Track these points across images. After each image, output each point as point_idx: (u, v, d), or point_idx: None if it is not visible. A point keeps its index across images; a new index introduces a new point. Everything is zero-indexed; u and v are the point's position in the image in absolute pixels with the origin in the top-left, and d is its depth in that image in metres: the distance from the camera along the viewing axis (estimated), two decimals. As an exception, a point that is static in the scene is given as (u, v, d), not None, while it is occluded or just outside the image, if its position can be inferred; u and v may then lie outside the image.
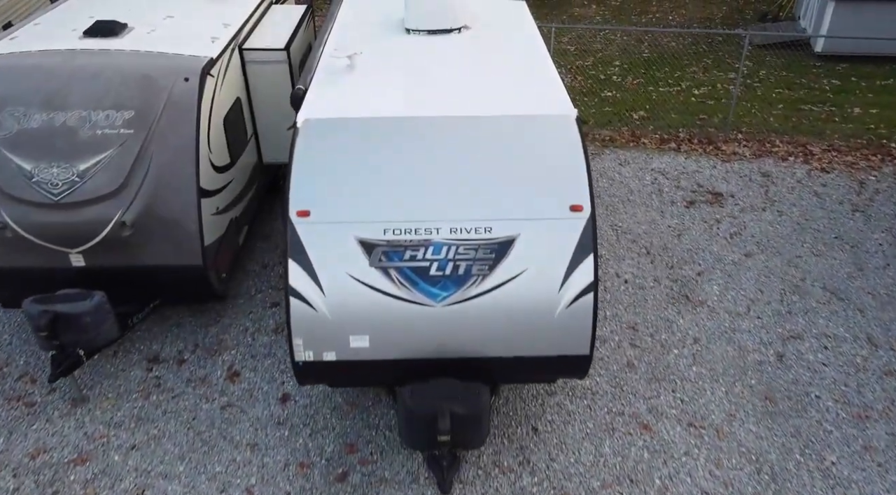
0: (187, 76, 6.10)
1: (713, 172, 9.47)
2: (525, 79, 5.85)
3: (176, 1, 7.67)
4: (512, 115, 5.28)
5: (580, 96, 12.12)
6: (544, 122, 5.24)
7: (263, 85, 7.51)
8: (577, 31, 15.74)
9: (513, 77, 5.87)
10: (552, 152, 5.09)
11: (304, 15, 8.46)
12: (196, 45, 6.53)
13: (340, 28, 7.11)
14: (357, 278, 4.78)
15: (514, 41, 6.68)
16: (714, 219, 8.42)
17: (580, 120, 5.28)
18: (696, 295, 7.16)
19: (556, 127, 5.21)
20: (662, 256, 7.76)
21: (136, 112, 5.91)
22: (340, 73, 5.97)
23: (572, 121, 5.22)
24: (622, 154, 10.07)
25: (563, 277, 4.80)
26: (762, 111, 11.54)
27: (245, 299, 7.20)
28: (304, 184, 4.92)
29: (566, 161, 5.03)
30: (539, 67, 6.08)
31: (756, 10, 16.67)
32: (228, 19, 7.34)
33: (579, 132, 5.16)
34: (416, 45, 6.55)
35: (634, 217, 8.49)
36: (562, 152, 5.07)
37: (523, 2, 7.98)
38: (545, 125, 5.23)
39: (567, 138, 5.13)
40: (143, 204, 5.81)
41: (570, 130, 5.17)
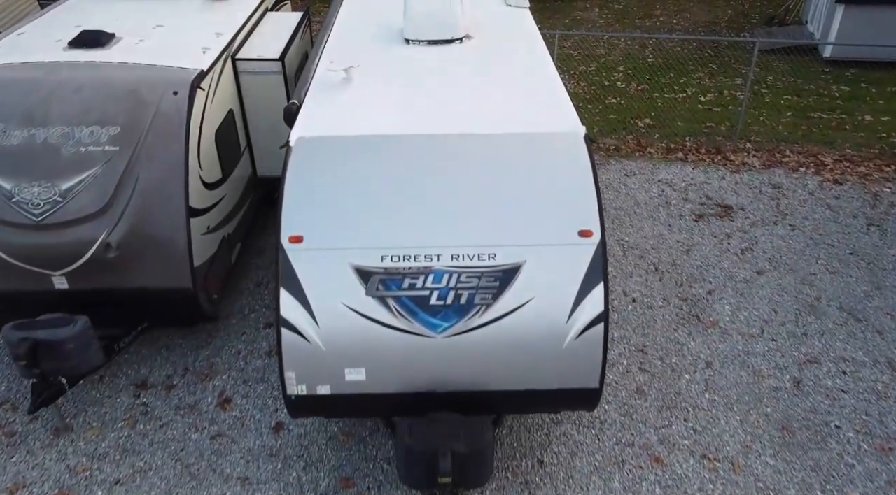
0: (176, 90, 5.82)
1: (722, 184, 9.19)
2: (529, 93, 5.57)
3: (167, 9, 7.40)
4: (516, 133, 5.01)
5: (584, 103, 11.84)
6: (550, 141, 4.97)
7: (257, 96, 7.24)
8: (580, 36, 15.47)
9: (516, 91, 5.60)
10: (559, 173, 4.81)
11: (301, 22, 8.18)
12: (186, 57, 6.26)
13: (337, 37, 6.84)
14: (353, 308, 4.51)
15: (517, 52, 6.40)
16: (724, 233, 8.14)
17: (588, 138, 5.00)
18: (707, 315, 6.88)
19: (563, 146, 4.94)
20: (671, 273, 7.48)
21: (122, 128, 5.63)
22: (336, 87, 5.69)
23: (580, 139, 4.95)
24: (628, 164, 9.79)
25: (572, 307, 4.52)
26: (770, 119, 11.26)
27: (238, 319, 6.92)
28: (296, 208, 4.64)
29: (574, 182, 4.76)
30: (544, 81, 5.80)
31: (762, 14, 16.39)
32: (221, 28, 7.06)
33: (588, 151, 4.88)
34: (415, 56, 6.27)
35: (641, 231, 8.21)
36: (569, 173, 4.80)
37: (527, 9, 7.71)
38: (551, 144, 4.95)
39: (575, 158, 4.86)
40: (128, 224, 5.53)
41: (577, 149, 4.90)
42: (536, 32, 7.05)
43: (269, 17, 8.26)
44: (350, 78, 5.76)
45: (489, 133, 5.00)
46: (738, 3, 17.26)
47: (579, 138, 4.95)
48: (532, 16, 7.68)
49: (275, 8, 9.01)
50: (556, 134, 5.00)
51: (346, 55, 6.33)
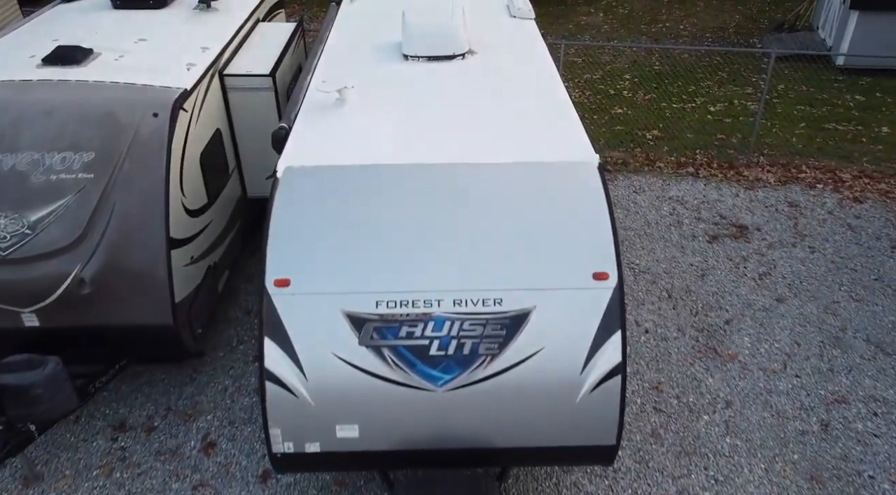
0: (156, 111, 5.40)
1: (736, 202, 8.76)
2: (537, 116, 5.15)
3: (152, 20, 6.98)
4: (522, 162, 4.58)
5: (589, 114, 11.42)
6: (561, 171, 4.55)
7: (247, 114, 6.82)
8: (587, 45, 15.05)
9: (523, 114, 5.18)
10: (571, 207, 4.39)
11: (294, 34, 7.76)
12: (169, 74, 5.84)
13: (330, 53, 6.41)
14: (345, 359, 4.09)
15: (523, 69, 5.98)
16: (740, 256, 7.72)
17: (603, 168, 4.58)
18: (725, 347, 6.46)
19: (576, 176, 4.51)
20: (685, 301, 7.06)
21: (97, 154, 5.21)
22: (328, 109, 5.27)
23: (594, 169, 4.52)
24: (636, 180, 9.37)
25: (586, 358, 4.10)
26: (784, 130, 10.84)
27: (225, 352, 6.50)
28: (283, 247, 4.22)
29: (587, 218, 4.33)
30: (553, 102, 5.38)
31: (771, 19, 15.97)
32: (208, 41, 6.64)
33: (603, 183, 4.46)
34: (414, 74, 5.85)
35: (653, 254, 7.79)
36: (582, 208, 4.38)
37: (532, 20, 7.29)
38: (562, 174, 4.53)
39: (588, 191, 4.44)
40: (104, 258, 5.11)
41: (591, 181, 4.48)
42: (543, 45, 6.63)
43: (260, 28, 7.84)
44: (343, 99, 5.34)
45: (494, 162, 4.58)
46: (745, 8, 16.84)
47: (593, 168, 4.53)
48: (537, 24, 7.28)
49: (268, 17, 8.60)
50: (568, 163, 4.58)
51: (340, 73, 5.91)
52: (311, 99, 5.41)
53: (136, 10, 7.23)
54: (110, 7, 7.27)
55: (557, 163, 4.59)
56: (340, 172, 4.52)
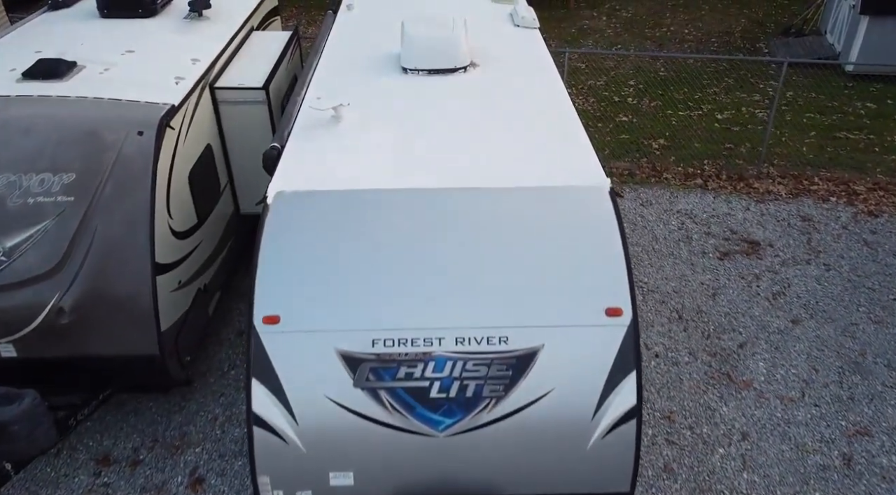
0: (141, 130, 5.11)
1: (746, 215, 8.48)
2: (544, 136, 4.86)
3: (140, 30, 6.69)
4: (528, 187, 4.29)
5: (593, 122, 11.13)
6: (568, 197, 4.26)
7: (239, 128, 6.53)
8: (587, 47, 14.77)
9: (528, 134, 4.89)
10: (580, 237, 4.10)
11: (289, 43, 7.47)
12: (156, 89, 5.55)
13: (326, 65, 6.12)
14: (338, 402, 3.80)
15: (528, 83, 5.69)
16: (752, 274, 7.43)
17: (615, 193, 4.30)
18: (739, 373, 6.18)
19: (584, 203, 4.23)
20: (697, 322, 6.77)
21: (78, 175, 4.93)
22: (323, 127, 4.99)
23: (605, 195, 4.24)
24: (643, 192, 9.08)
25: (599, 400, 3.82)
26: (794, 139, 10.56)
27: (216, 377, 6.22)
28: (273, 281, 3.93)
29: (598, 249, 4.05)
30: (560, 119, 5.09)
31: (777, 23, 15.68)
32: (198, 53, 6.36)
33: (615, 210, 4.17)
34: (414, 88, 5.56)
35: (662, 271, 7.50)
36: (592, 237, 4.09)
37: (536, 30, 7.00)
38: (570, 200, 4.24)
39: (598, 218, 4.15)
40: (84, 286, 4.82)
41: (601, 208, 4.19)
42: (548, 57, 6.35)
43: (254, 37, 7.55)
44: (339, 116, 5.05)
45: (498, 187, 4.29)
46: (751, 12, 16.55)
47: (604, 193, 4.24)
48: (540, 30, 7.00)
49: (263, 25, 8.31)
50: (577, 188, 4.29)
51: (336, 87, 5.63)
52: (305, 116, 5.12)
53: (124, 18, 6.94)
54: (98, 16, 6.99)
55: (565, 187, 4.30)
56: (336, 198, 4.23)
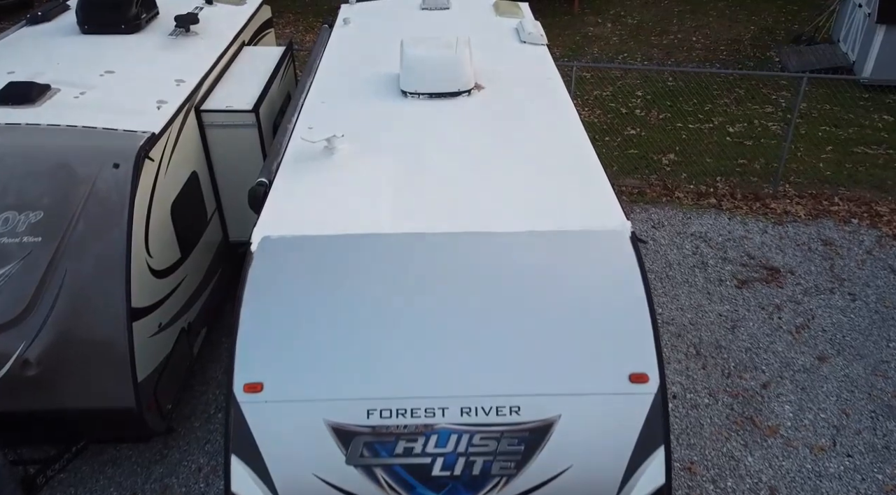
0: (117, 161, 4.70)
1: (764, 239, 8.06)
2: (555, 171, 4.44)
3: (122, 48, 6.27)
4: (538, 231, 3.88)
5: (600, 135, 10.71)
6: (585, 243, 3.84)
7: (228, 153, 6.11)
8: (592, 55, 14.36)
9: (539, 169, 4.47)
10: (599, 290, 3.68)
11: (282, 59, 7.05)
12: (135, 115, 5.14)
13: (320, 87, 5.71)
14: (329, 481, 3.38)
15: (537, 109, 5.27)
16: (773, 304, 7.00)
17: (637, 238, 3.88)
18: (763, 417, 5.75)
19: (603, 250, 3.81)
20: (716, 358, 6.35)
21: (47, 213, 4.51)
22: (315, 160, 4.57)
23: (626, 240, 3.82)
24: (655, 212, 8.66)
25: (623, 479, 3.40)
26: (809, 155, 10.13)
27: (201, 421, 5.80)
28: (256, 342, 3.51)
29: (619, 303, 3.63)
30: (572, 152, 4.67)
31: (787, 30, 15.26)
32: (184, 73, 5.94)
33: (637, 258, 3.76)
34: (414, 114, 5.15)
35: (677, 301, 7.08)
36: (613, 290, 3.67)
37: (544, 47, 6.59)
38: (587, 247, 3.82)
39: (619, 268, 3.73)
40: (53, 335, 4.41)
41: (622, 255, 3.77)
42: (557, 77, 5.93)
43: (245, 53, 7.13)
44: (333, 148, 4.63)
45: (506, 231, 3.88)
46: (760, 18, 16.12)
47: (624, 238, 3.83)
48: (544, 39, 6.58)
49: (255, 39, 7.90)
50: (593, 233, 3.87)
51: (330, 114, 5.22)
52: (295, 148, 4.70)
53: (106, 35, 6.52)
54: (78, 32, 6.57)
55: (580, 232, 3.88)
56: (329, 244, 3.82)
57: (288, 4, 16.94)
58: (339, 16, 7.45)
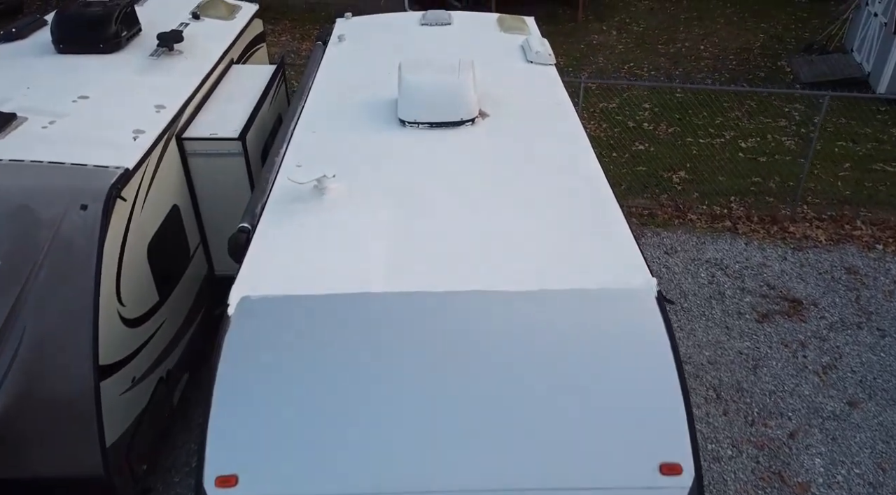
0: (85, 202, 4.26)
1: (784, 266, 7.62)
2: (569, 216, 3.99)
3: (99, 70, 5.80)
4: (551, 290, 3.44)
5: (607, 151, 10.25)
6: (604, 303, 3.40)
7: (212, 183, 5.67)
8: (597, 65, 13.93)
9: (551, 213, 4.02)
10: (622, 361, 3.24)
11: (273, 78, 6.60)
12: (108, 148, 4.69)
13: (311, 113, 5.27)
14: None
15: (547, 139, 4.83)
16: (797, 340, 6.56)
17: (664, 298, 3.44)
18: (792, 472, 5.31)
19: (625, 311, 3.37)
20: (738, 403, 5.91)
21: (5, 260, 4.07)
22: (303, 202, 4.13)
23: (651, 300, 3.38)
24: (667, 237, 8.22)
25: None
26: (826, 172, 9.69)
27: (181, 475, 5.35)
28: (232, 427, 3.07)
29: (646, 379, 3.18)
30: (588, 192, 4.23)
31: (798, 38, 14.81)
32: (165, 97, 5.49)
33: (665, 322, 3.32)
34: (413, 147, 4.71)
35: (693, 336, 6.64)
36: (638, 362, 3.22)
37: (552, 67, 6.15)
38: (606, 308, 3.38)
39: (644, 333, 3.29)
40: (10, 398, 3.97)
41: (648, 318, 3.33)
42: (568, 102, 5.50)
43: (233, 73, 6.68)
44: (323, 188, 4.19)
45: (515, 290, 3.43)
46: (769, 26, 15.67)
47: (650, 299, 3.39)
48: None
49: (247, 54, 7.46)
50: (613, 292, 3.43)
51: (321, 147, 4.78)
52: (281, 188, 4.26)
53: (83, 54, 6.07)
54: (53, 51, 6.12)
55: (598, 291, 3.44)
56: (319, 305, 3.37)
57: (284, 11, 16.48)
58: (333, 32, 7.01)
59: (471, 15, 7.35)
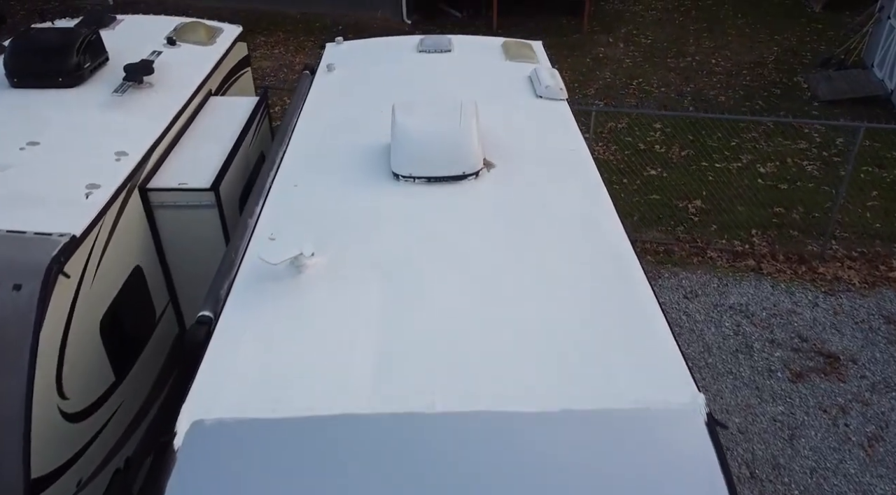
0: (18, 282, 3.60)
1: (815, 314, 6.97)
2: (593, 304, 3.34)
3: (56, 109, 5.14)
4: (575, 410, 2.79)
5: (617, 176, 9.59)
6: (639, 426, 2.75)
7: (182, 238, 5.01)
8: (605, 81, 13.29)
9: (571, 297, 3.37)
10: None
11: (255, 112, 5.95)
12: (55, 209, 4.04)
13: (293, 162, 4.62)
14: None
15: (563, 198, 4.18)
16: (836, 405, 5.92)
17: (715, 420, 2.79)
18: (841, 572, 4.68)
19: (665, 436, 2.72)
20: (775, 483, 5.26)
21: (-82, 358, 3.44)
22: (276, 283, 3.47)
23: (699, 422, 2.73)
24: (686, 278, 7.57)
25: None
26: (854, 201, 9.04)
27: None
28: None
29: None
30: (614, 268, 3.57)
31: (814, 51, 14.16)
32: (128, 143, 4.82)
33: (717, 452, 2.66)
34: (408, 207, 4.05)
35: (721, 398, 5.99)
36: None
37: (563, 102, 5.49)
38: (642, 432, 2.73)
39: (690, 465, 2.64)
40: (-75, 524, 3.33)
41: (695, 445, 2.68)
42: (584, 146, 4.85)
43: (210, 106, 6.02)
44: (300, 266, 3.54)
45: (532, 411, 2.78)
46: (783, 38, 15.02)
47: (697, 421, 2.74)
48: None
49: (229, 81, 6.79)
50: (651, 412, 2.78)
51: (301, 205, 4.13)
52: (251, 266, 3.60)
53: (40, 89, 5.41)
54: (6, 85, 5.46)
55: (631, 411, 2.79)
56: (290, 432, 2.72)
57: (278, 23, 15.83)
58: (322, 59, 6.36)
59: (473, 40, 6.70)
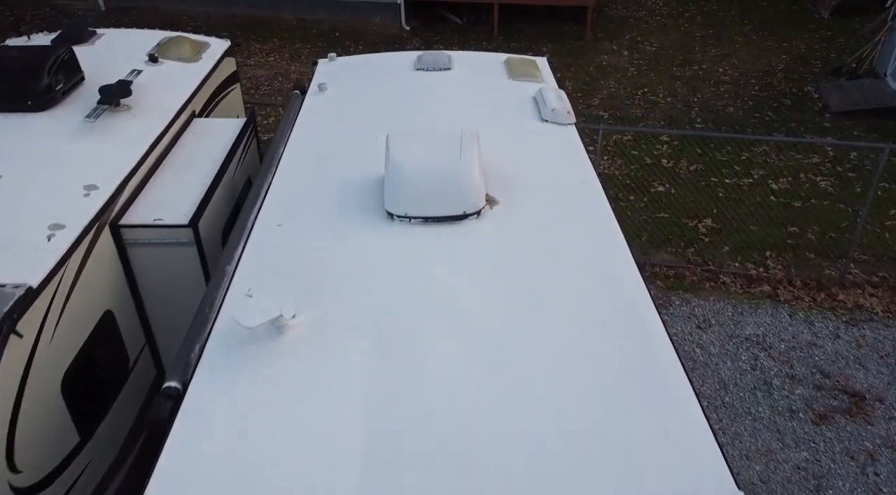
0: (-36, 344, 3.22)
1: (837, 347, 6.57)
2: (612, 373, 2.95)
3: (20, 138, 4.72)
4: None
5: (624, 193, 9.19)
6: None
7: (158, 277, 4.62)
8: (609, 91, 12.90)
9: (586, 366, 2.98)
10: None
11: (241, 137, 5.55)
12: (11, 254, 3.65)
13: (278, 197, 4.23)
14: None
15: (574, 239, 3.79)
16: (864, 450, 5.52)
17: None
18: None
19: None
20: (801, 540, 4.88)
21: None
22: (253, 348, 3.08)
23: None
24: (698, 305, 7.18)
25: None
26: (871, 220, 8.62)
27: None
28: None
29: None
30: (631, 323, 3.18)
31: (824, 60, 13.77)
32: (99, 175, 4.42)
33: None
34: (402, 253, 3.66)
35: (740, 442, 5.59)
36: None
37: (571, 126, 5.10)
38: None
39: None
40: None
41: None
42: (594, 177, 4.45)
43: (193, 129, 5.62)
44: (280, 328, 3.14)
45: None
46: (791, 46, 14.61)
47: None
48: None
49: (214, 101, 6.39)
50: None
51: (285, 249, 3.74)
52: (226, 327, 3.20)
53: (5, 113, 5.01)
54: (-28, 109, 5.08)
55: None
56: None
57: (273, 29, 15.44)
58: (313, 78, 5.97)
59: (473, 57, 6.32)
